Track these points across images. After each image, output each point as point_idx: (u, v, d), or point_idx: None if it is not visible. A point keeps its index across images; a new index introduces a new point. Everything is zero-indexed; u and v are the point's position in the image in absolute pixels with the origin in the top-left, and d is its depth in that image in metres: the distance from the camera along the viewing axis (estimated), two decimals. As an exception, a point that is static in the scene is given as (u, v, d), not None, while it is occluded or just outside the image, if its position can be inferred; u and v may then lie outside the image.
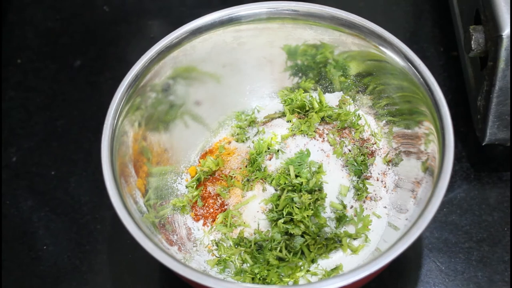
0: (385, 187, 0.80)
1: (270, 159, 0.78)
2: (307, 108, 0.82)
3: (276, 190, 0.76)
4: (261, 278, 0.73)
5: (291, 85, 0.87)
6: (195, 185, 0.82)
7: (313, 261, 0.75)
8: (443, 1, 1.04)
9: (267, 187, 0.76)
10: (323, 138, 0.79)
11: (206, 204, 0.80)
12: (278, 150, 0.78)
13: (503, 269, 0.80)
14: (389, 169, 0.81)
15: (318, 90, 0.84)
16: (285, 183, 0.74)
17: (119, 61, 1.04)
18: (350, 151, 0.79)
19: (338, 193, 0.76)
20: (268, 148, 0.79)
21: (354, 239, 0.76)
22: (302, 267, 0.74)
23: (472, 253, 0.82)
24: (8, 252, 0.85)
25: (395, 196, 0.79)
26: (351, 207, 0.77)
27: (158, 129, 0.81)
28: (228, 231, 0.77)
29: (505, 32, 0.74)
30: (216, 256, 0.77)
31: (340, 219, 0.75)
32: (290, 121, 0.81)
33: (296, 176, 0.74)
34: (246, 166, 0.80)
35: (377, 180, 0.80)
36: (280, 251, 0.74)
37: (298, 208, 0.73)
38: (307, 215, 0.72)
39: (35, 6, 1.12)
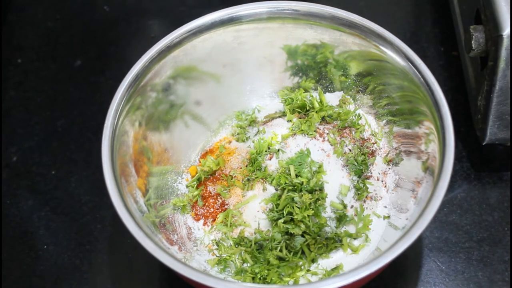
0: (385, 186, 0.80)
1: (270, 159, 0.78)
2: (307, 108, 0.82)
3: (276, 189, 0.76)
4: (261, 278, 0.73)
5: (291, 84, 0.87)
6: (195, 185, 0.82)
7: (313, 260, 0.75)
8: (443, 1, 1.04)
9: (268, 186, 0.76)
10: (324, 138, 0.79)
11: (207, 204, 0.80)
12: (278, 150, 0.78)
13: (503, 269, 0.80)
14: (389, 168, 0.81)
15: (318, 90, 0.84)
16: (285, 183, 0.74)
17: (119, 61, 1.04)
18: (350, 150, 0.79)
19: (339, 192, 0.76)
20: (269, 148, 0.79)
21: (355, 238, 0.76)
22: (302, 267, 0.74)
23: (472, 253, 0.82)
24: (8, 252, 0.85)
25: (396, 195, 0.79)
26: (352, 206, 0.77)
27: (158, 128, 0.81)
28: (229, 231, 0.77)
29: (506, 32, 0.74)
30: (216, 256, 0.77)
31: (341, 218, 0.75)
32: (291, 121, 0.81)
33: (297, 176, 0.74)
34: (246, 166, 0.80)
35: (378, 179, 0.80)
36: (281, 250, 0.74)
37: (298, 207, 0.73)
38: (308, 215, 0.72)
39: (35, 6, 1.12)
